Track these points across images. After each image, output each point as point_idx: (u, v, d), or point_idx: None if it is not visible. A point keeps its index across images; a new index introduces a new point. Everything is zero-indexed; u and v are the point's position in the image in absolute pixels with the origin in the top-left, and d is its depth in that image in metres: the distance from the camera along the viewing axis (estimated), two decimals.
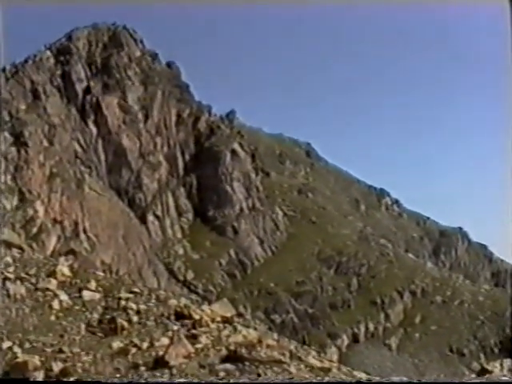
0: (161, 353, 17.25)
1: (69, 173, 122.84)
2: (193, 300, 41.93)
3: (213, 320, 19.87)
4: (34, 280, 21.75)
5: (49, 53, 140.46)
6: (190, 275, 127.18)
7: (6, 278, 21.07)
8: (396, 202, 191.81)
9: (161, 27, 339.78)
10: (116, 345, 18.24)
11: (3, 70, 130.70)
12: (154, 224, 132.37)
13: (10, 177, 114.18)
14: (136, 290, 22.35)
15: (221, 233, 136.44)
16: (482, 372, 20.90)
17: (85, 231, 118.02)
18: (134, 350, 17.82)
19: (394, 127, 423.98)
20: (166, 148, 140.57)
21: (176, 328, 19.38)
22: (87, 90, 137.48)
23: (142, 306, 20.75)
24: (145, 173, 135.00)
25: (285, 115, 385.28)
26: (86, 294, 21.37)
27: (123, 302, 20.89)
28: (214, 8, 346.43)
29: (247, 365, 16.59)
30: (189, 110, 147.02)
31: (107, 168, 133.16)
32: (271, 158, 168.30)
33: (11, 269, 22.07)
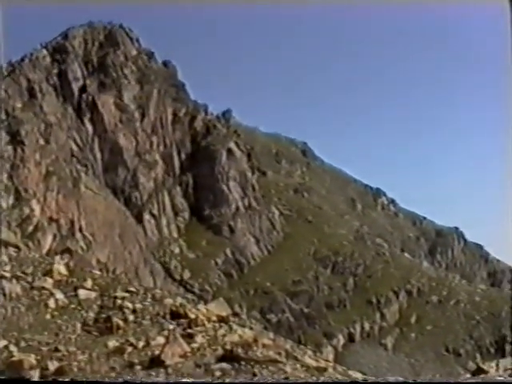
0: (157, 352, 17.25)
1: (65, 171, 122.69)
2: (189, 299, 41.87)
3: (209, 319, 19.87)
4: (30, 279, 21.74)
5: (45, 51, 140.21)
6: (187, 274, 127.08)
7: (1, 277, 21.06)
8: (392, 201, 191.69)
9: (158, 26, 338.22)
10: (112, 344, 18.24)
11: None
12: (150, 223, 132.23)
13: (6, 175, 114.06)
14: (132, 289, 22.36)
15: (217, 232, 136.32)
16: (478, 372, 20.85)
17: (81, 230, 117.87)
18: (129, 349, 17.82)
19: (393, 127, 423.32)
20: (162, 147, 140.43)
21: (172, 327, 19.39)
22: (83, 89, 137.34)
23: (137, 305, 20.75)
24: (141, 172, 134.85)
25: (284, 115, 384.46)
26: (82, 292, 21.37)
27: (119, 301, 20.89)
28: (212, 7, 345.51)
29: (243, 364, 16.59)
30: (185, 109, 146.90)
31: (103, 167, 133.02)
32: (267, 158, 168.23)
33: (7, 267, 22.05)
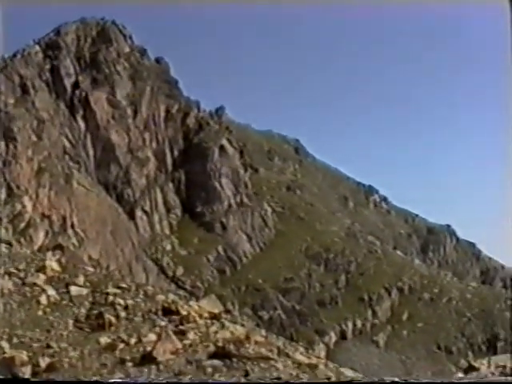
0: (148, 348, 17.23)
1: (57, 168, 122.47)
2: (180, 296, 41.88)
3: (200, 316, 19.86)
4: (22, 275, 21.71)
5: (37, 47, 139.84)
6: (180, 271, 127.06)
7: None
8: (384, 199, 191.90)
9: (157, 26, 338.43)
10: (103, 340, 18.21)
11: None
12: (143, 220, 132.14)
13: None
14: (124, 285, 22.33)
15: (209, 229, 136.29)
16: (470, 369, 20.93)
17: (73, 226, 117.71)
18: (121, 346, 17.79)
19: (393, 127, 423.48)
20: (154, 143, 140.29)
21: (164, 324, 19.37)
22: (76, 85, 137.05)
23: (129, 302, 20.72)
24: (133, 168, 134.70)
25: (284, 115, 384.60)
26: (74, 289, 21.33)
27: (111, 298, 20.86)
28: (212, 7, 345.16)
29: (235, 361, 16.59)
30: (178, 106, 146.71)
31: (96, 163, 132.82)
32: (260, 155, 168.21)
33: None
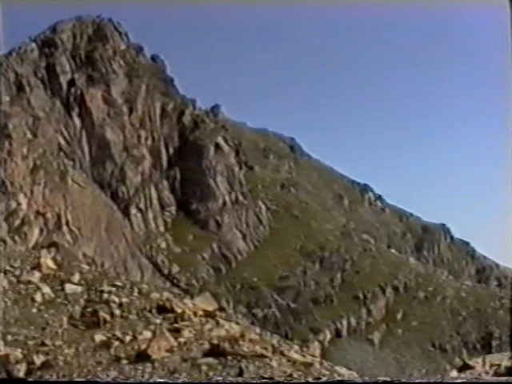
0: (143, 346, 17.21)
1: (52, 165, 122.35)
2: (175, 294, 41.81)
3: (195, 314, 19.84)
4: (17, 272, 21.65)
5: (33, 45, 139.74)
6: (175, 269, 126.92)
7: None
8: (379, 197, 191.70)
9: (157, 25, 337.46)
10: (98, 338, 18.19)
11: None
12: (137, 217, 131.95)
13: None
14: (118, 283, 22.29)
15: (204, 226, 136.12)
16: (464, 368, 20.93)
17: (67, 224, 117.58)
18: (116, 344, 17.77)
19: (393, 127, 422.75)
20: (149, 141, 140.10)
21: (158, 321, 19.34)
22: (71, 83, 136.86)
23: (124, 299, 20.69)
24: (128, 166, 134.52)
25: (286, 115, 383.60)
26: (69, 286, 21.28)
27: (105, 295, 20.83)
28: (206, 4, 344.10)
29: (229, 359, 16.58)
30: (173, 104, 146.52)
31: (91, 161, 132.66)
32: (255, 153, 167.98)
33: None
